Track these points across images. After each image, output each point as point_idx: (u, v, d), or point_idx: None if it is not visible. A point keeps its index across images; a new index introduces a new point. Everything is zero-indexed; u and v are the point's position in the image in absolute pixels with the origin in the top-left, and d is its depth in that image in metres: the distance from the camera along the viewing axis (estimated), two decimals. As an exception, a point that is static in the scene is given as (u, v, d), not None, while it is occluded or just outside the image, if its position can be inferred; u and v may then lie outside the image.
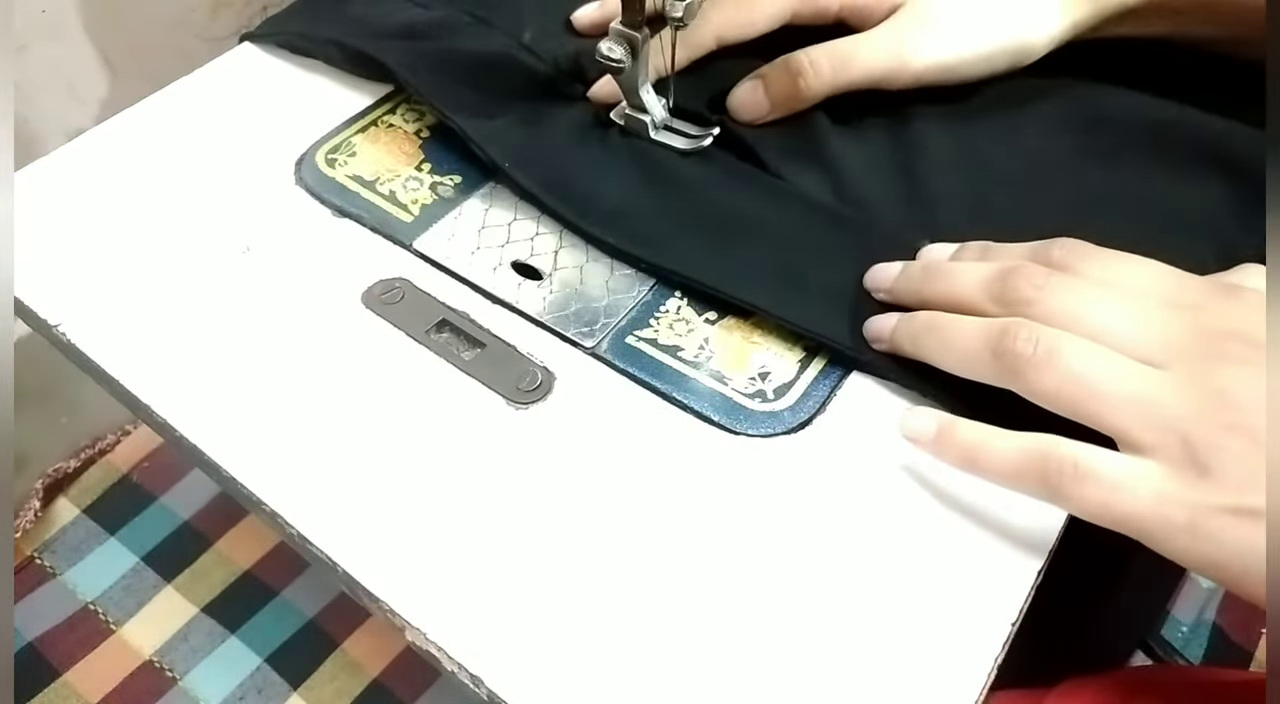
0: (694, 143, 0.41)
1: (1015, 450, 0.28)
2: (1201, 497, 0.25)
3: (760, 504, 0.32)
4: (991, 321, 0.30)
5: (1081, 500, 0.27)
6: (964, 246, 0.35)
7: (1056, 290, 0.29)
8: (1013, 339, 0.28)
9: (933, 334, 0.31)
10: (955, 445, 0.30)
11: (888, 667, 0.28)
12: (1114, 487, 0.26)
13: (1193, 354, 0.27)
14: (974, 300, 0.31)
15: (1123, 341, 0.28)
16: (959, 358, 0.30)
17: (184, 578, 0.72)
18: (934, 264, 0.34)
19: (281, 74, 0.46)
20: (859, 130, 0.41)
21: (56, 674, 0.67)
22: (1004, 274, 0.31)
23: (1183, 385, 0.26)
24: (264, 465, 0.33)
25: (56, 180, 0.42)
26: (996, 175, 0.40)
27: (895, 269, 0.35)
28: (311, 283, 0.38)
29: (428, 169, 0.42)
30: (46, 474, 0.76)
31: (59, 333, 0.36)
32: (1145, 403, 0.26)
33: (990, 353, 0.29)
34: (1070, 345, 0.28)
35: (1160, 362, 0.27)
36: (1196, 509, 0.25)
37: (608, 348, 0.36)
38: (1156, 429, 0.26)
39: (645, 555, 0.30)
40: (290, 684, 0.67)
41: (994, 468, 0.29)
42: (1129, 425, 0.26)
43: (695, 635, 0.29)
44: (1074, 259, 0.31)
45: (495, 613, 0.29)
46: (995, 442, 0.29)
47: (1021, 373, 0.28)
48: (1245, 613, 0.73)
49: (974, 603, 0.29)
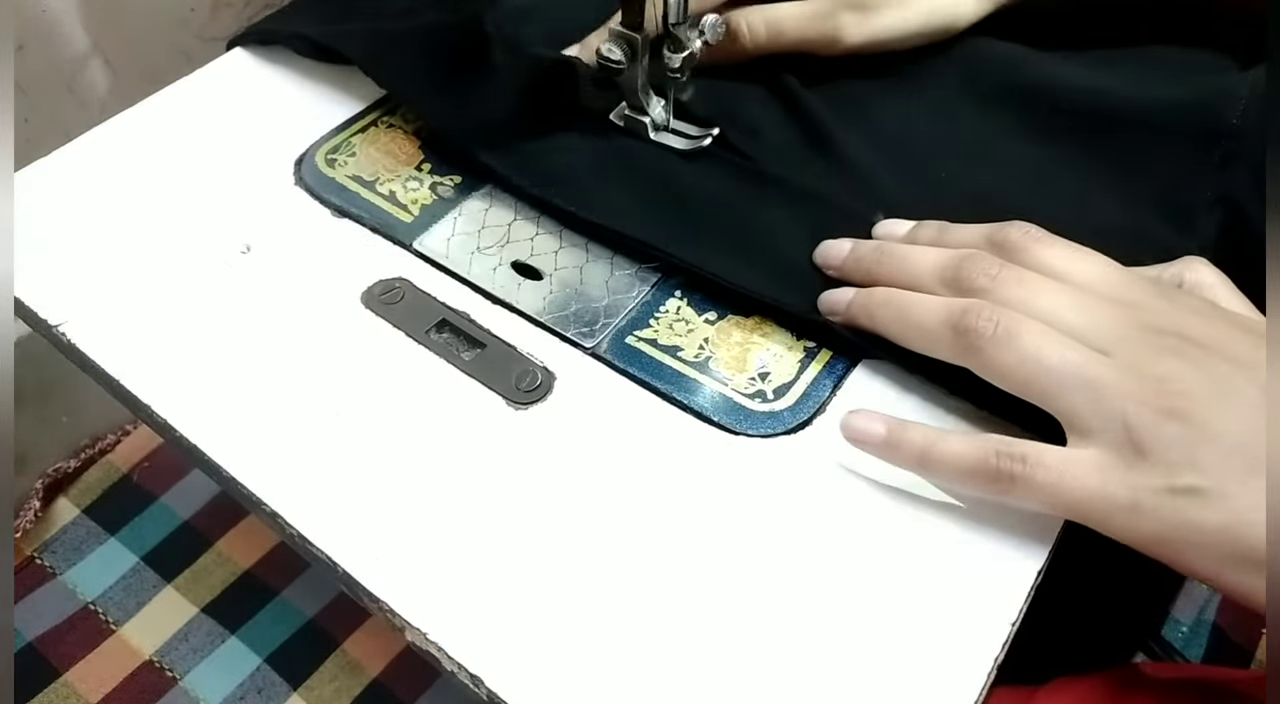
0: (693, 143, 0.41)
1: (965, 450, 0.29)
2: (1141, 478, 0.26)
3: (760, 504, 0.32)
4: (952, 300, 0.31)
5: (1030, 492, 0.28)
6: (920, 225, 0.36)
7: (1007, 281, 0.31)
8: (974, 317, 0.30)
9: (891, 308, 0.32)
10: (905, 449, 0.30)
11: (888, 667, 0.28)
12: (1060, 474, 0.27)
13: (1134, 345, 0.28)
14: (927, 285, 0.32)
15: (1070, 331, 0.29)
16: (917, 332, 0.32)
17: (184, 578, 0.72)
18: (887, 246, 0.35)
19: (281, 74, 0.46)
20: (802, 103, 0.42)
21: (56, 674, 0.67)
22: (958, 262, 0.32)
23: (1125, 372, 0.28)
24: (264, 465, 0.33)
25: (56, 180, 0.42)
26: (937, 148, 0.41)
27: (845, 247, 0.35)
28: (311, 283, 0.38)
29: (428, 169, 0.42)
30: (46, 474, 0.76)
31: (59, 333, 0.36)
32: (1092, 387, 0.28)
33: (951, 330, 0.30)
34: (1028, 328, 0.29)
35: (1104, 350, 0.28)
36: (1137, 490, 0.26)
37: (608, 348, 0.36)
38: (1101, 413, 0.27)
39: (645, 555, 0.30)
40: (290, 684, 0.67)
41: (945, 468, 0.30)
42: (1078, 408, 0.28)
43: (695, 635, 0.29)
44: (1028, 244, 0.32)
45: (495, 613, 0.29)
46: (944, 444, 0.30)
47: (981, 351, 0.29)
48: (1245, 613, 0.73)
49: (974, 603, 0.29)
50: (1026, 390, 0.29)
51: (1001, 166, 0.40)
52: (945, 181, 0.40)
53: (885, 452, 0.31)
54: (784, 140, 0.42)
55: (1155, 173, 0.39)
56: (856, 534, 0.31)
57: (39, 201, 0.41)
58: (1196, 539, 0.26)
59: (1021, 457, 0.28)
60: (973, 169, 0.40)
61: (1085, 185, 0.39)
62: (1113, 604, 0.48)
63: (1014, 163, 0.40)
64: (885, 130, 0.42)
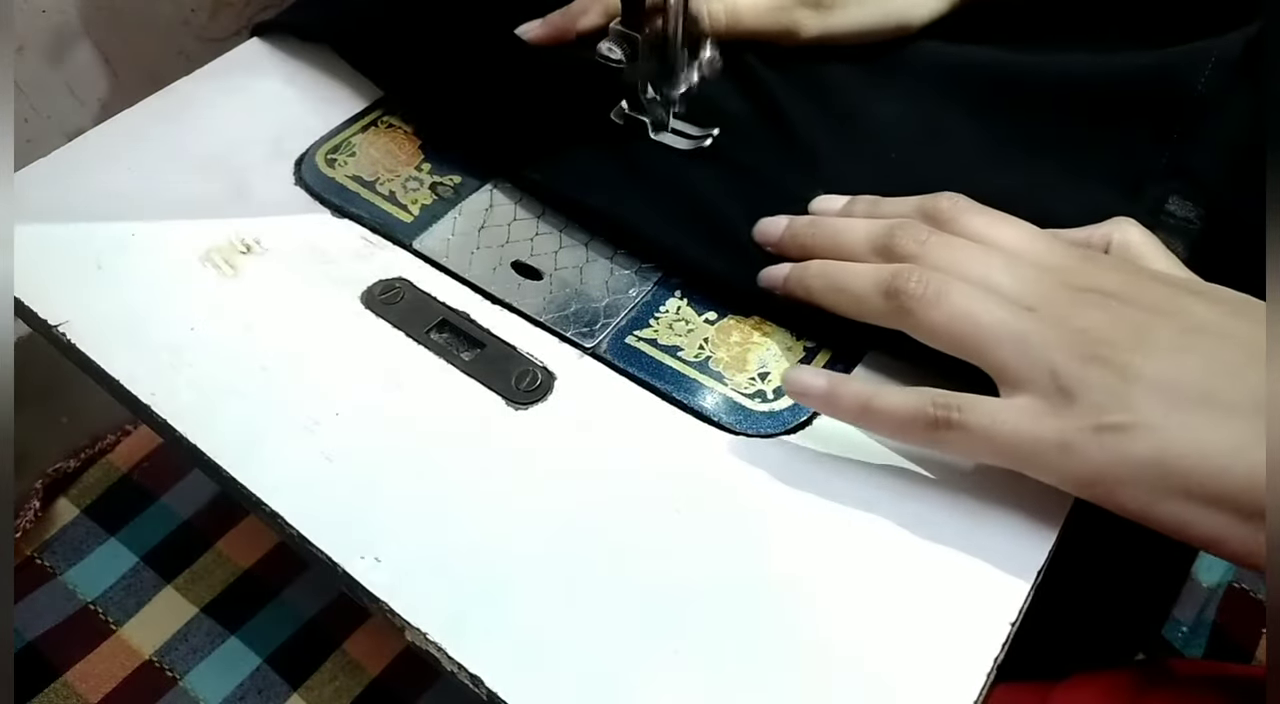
0: (694, 143, 0.41)
1: (903, 401, 0.30)
2: (1069, 421, 0.27)
3: (760, 504, 0.32)
4: (882, 266, 0.32)
5: (965, 439, 0.29)
6: (854, 200, 0.37)
7: (936, 246, 0.32)
8: (905, 280, 0.31)
9: (825, 278, 0.33)
10: (847, 400, 0.31)
11: (888, 666, 0.28)
12: (993, 421, 0.28)
13: (1057, 301, 0.30)
14: (860, 255, 0.34)
15: (997, 291, 0.30)
16: (850, 300, 0.33)
17: (184, 578, 0.72)
18: (820, 220, 0.36)
19: (281, 74, 0.46)
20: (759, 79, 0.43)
21: (56, 674, 0.67)
22: (889, 230, 0.33)
23: (1050, 325, 0.29)
24: (264, 465, 0.33)
25: (56, 180, 0.42)
26: (890, 129, 0.42)
27: (781, 223, 0.37)
28: (311, 283, 0.38)
29: (428, 169, 0.42)
30: (46, 474, 0.76)
31: (59, 333, 0.36)
32: (1020, 340, 0.29)
33: (882, 294, 0.31)
34: (957, 287, 0.30)
35: (1030, 307, 0.30)
36: (1065, 431, 0.28)
37: (608, 348, 0.36)
38: (1029, 364, 0.29)
39: (645, 556, 0.30)
40: (290, 684, 0.67)
41: (884, 420, 0.31)
42: (1007, 360, 0.29)
43: (695, 635, 0.29)
44: (957, 213, 0.33)
45: (495, 613, 0.29)
46: (884, 395, 0.31)
47: (913, 312, 0.31)
48: (1245, 613, 0.73)
49: (974, 603, 0.29)
50: (959, 348, 0.30)
51: (954, 146, 0.41)
52: (895, 162, 0.40)
53: (826, 405, 0.32)
54: (737, 114, 0.43)
55: (1112, 143, 0.39)
56: (856, 534, 0.31)
57: (39, 201, 0.41)
58: (1125, 474, 0.27)
59: (957, 406, 0.29)
60: (924, 149, 0.41)
61: (1038, 161, 0.39)
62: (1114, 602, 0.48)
63: (966, 141, 0.41)
64: (839, 108, 0.42)
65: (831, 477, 0.32)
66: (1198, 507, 0.26)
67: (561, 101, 0.43)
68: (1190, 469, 0.26)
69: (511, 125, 0.42)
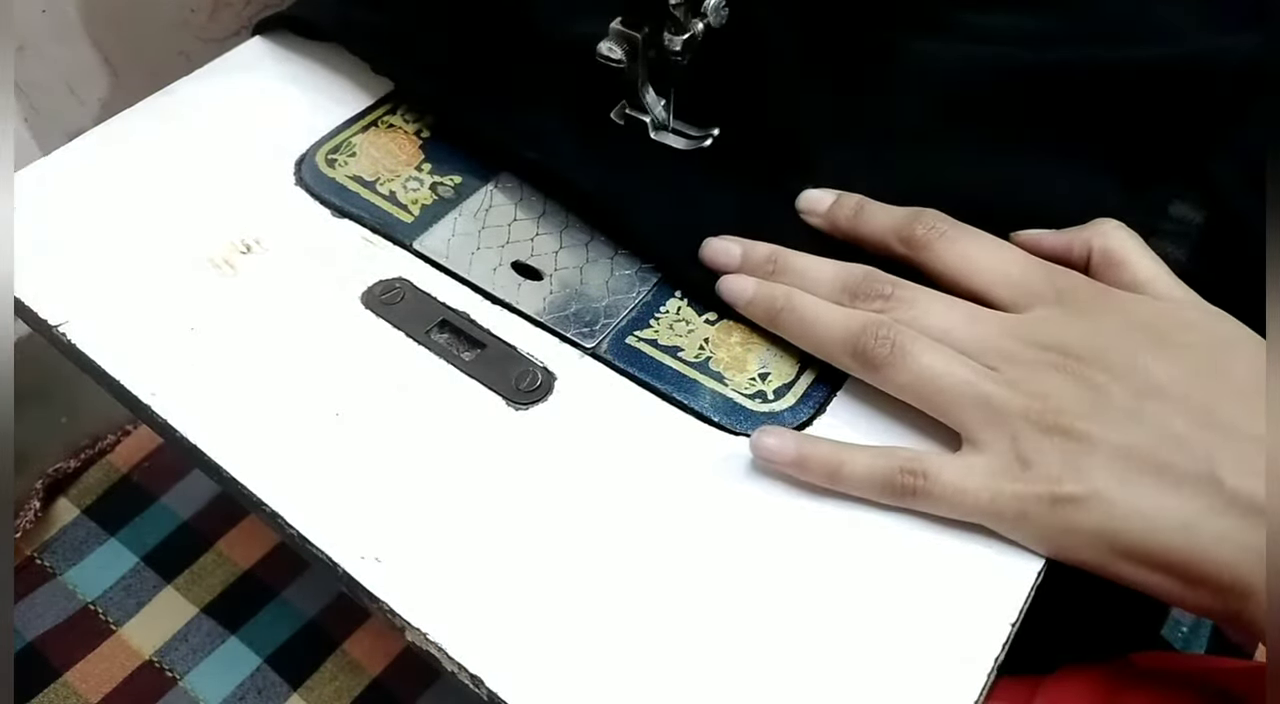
0: (693, 143, 0.41)
1: (871, 468, 0.31)
2: (1027, 487, 0.29)
3: (760, 504, 0.32)
4: (850, 318, 0.33)
5: (930, 505, 0.30)
6: (841, 199, 0.37)
7: (901, 302, 0.33)
8: (870, 339, 0.32)
9: (792, 315, 0.34)
10: (815, 466, 0.31)
11: (888, 666, 0.28)
12: (955, 490, 0.30)
13: (1019, 362, 0.31)
14: (826, 296, 0.34)
15: (961, 348, 0.31)
16: (816, 346, 0.34)
17: (184, 578, 0.72)
18: (783, 258, 0.36)
19: (282, 74, 0.46)
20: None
21: (56, 674, 0.67)
22: (856, 283, 0.34)
23: (1010, 388, 0.30)
24: (264, 465, 0.33)
25: (56, 180, 0.42)
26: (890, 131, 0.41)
27: (735, 251, 0.36)
28: (311, 283, 0.38)
29: (428, 169, 0.42)
30: (46, 474, 0.76)
31: (59, 333, 0.36)
32: (983, 404, 0.30)
33: (849, 353, 0.32)
34: (921, 347, 0.31)
35: (992, 366, 0.31)
36: (1023, 500, 0.29)
37: (608, 348, 0.36)
38: (991, 428, 0.30)
39: (645, 556, 0.30)
40: (290, 684, 0.67)
41: (853, 487, 0.31)
42: (968, 422, 0.30)
43: (695, 635, 0.29)
44: (931, 239, 0.34)
45: (495, 613, 0.29)
46: (851, 462, 0.31)
47: (878, 370, 0.32)
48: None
49: (974, 603, 0.29)
50: (923, 406, 0.32)
51: (955, 143, 0.40)
52: (896, 162, 0.40)
53: (796, 470, 0.32)
54: (737, 114, 0.42)
55: (1124, 142, 0.38)
56: (857, 534, 0.31)
57: (39, 201, 0.41)
58: (1080, 542, 0.28)
59: (923, 473, 0.30)
60: (925, 149, 0.40)
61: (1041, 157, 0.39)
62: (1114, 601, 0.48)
63: (968, 137, 0.40)
64: (839, 108, 0.42)
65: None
66: (1149, 571, 0.28)
67: (564, 92, 0.43)
68: (1138, 540, 0.27)
69: (514, 113, 0.42)
